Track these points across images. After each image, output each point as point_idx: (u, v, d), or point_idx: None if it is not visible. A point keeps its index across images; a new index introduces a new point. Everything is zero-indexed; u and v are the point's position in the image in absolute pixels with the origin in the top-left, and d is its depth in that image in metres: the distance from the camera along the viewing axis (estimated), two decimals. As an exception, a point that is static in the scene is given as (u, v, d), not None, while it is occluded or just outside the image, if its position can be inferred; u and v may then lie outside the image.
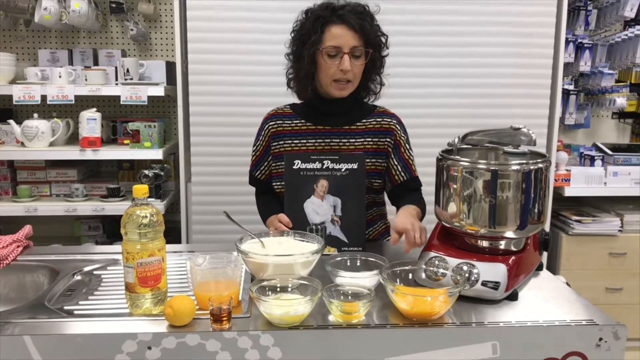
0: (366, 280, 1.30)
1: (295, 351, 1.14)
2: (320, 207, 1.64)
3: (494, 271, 1.30)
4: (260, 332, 1.13)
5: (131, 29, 2.91)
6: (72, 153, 2.63)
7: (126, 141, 2.73)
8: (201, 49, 2.58)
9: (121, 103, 2.61)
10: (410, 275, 1.35)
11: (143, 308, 1.22)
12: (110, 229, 3.00)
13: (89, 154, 2.61)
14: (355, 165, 1.63)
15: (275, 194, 1.81)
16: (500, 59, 2.65)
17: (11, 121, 2.69)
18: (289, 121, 1.79)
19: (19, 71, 2.75)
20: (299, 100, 1.82)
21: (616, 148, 3.03)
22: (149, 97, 2.60)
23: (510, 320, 1.21)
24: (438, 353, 1.15)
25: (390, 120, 1.78)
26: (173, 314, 1.14)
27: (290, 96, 1.82)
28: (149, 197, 1.25)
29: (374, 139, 1.75)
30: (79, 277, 1.47)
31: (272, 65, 1.85)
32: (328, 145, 1.74)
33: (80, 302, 1.30)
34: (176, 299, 1.17)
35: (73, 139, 2.80)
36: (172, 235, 2.68)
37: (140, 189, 1.21)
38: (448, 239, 1.45)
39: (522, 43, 2.64)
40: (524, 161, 1.34)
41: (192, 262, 1.28)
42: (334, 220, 1.65)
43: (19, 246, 1.64)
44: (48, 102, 2.59)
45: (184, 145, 2.68)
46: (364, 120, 1.77)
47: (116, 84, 2.73)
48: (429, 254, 1.39)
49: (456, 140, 1.46)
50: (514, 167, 1.32)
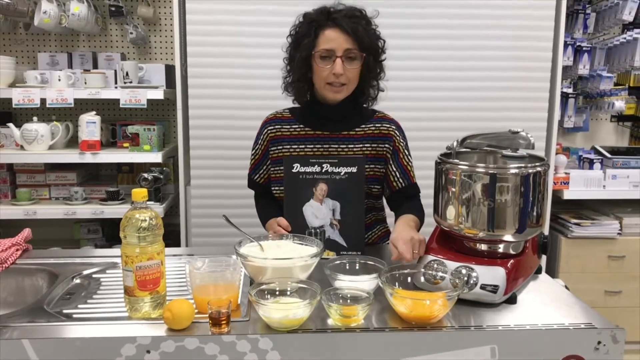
0: (365, 283, 1.30)
1: (294, 355, 1.14)
2: (320, 211, 1.65)
3: (493, 274, 1.30)
4: (259, 336, 1.13)
5: (130, 33, 2.91)
6: (72, 156, 2.63)
7: (125, 144, 2.74)
8: (200, 53, 2.58)
9: (120, 106, 2.61)
10: (409, 279, 1.35)
11: (142, 312, 1.22)
12: (109, 232, 2.99)
13: (89, 157, 2.62)
14: (354, 169, 1.63)
15: (275, 197, 1.81)
16: (499, 62, 2.65)
17: (10, 124, 2.69)
18: (288, 126, 1.79)
19: (19, 74, 2.76)
20: (298, 104, 1.82)
21: (615, 151, 3.03)
22: (149, 101, 2.60)
23: (509, 323, 1.21)
24: (437, 356, 1.15)
25: (389, 125, 1.78)
26: (172, 318, 1.15)
27: (290, 100, 1.82)
28: (148, 200, 1.25)
29: (373, 145, 1.75)
30: (78, 281, 1.47)
31: (272, 68, 1.85)
32: (327, 150, 1.74)
33: (79, 306, 1.31)
34: (175, 303, 1.17)
35: (72, 142, 2.80)
36: (172, 238, 2.68)
37: (139, 193, 1.21)
38: (447, 242, 1.46)
39: (521, 46, 2.64)
40: (523, 165, 1.34)
41: (191, 266, 1.28)
42: (333, 223, 1.65)
43: (18, 250, 1.64)
44: (47, 106, 2.60)
45: (183, 148, 2.68)
46: (363, 125, 1.77)
47: (115, 87, 2.73)
48: (428, 258, 1.40)
49: (455, 143, 1.46)
50: (513, 171, 1.32)
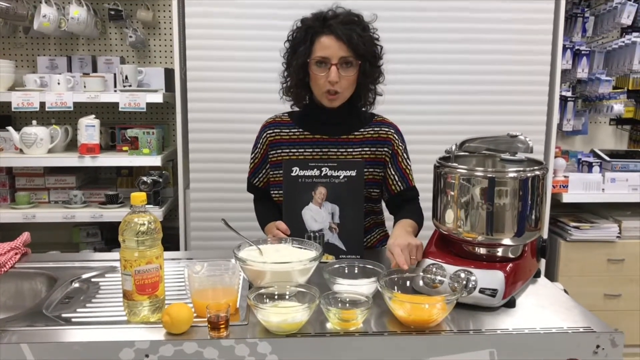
0: (364, 287, 1.30)
1: (293, 359, 1.13)
2: (319, 215, 1.65)
3: (492, 278, 1.30)
4: (257, 340, 1.13)
5: (130, 36, 2.91)
6: (71, 160, 2.63)
7: (125, 148, 2.74)
8: (200, 56, 2.58)
9: (120, 110, 2.61)
10: (408, 283, 1.35)
11: (141, 316, 1.22)
12: (108, 236, 3.00)
13: (88, 161, 2.62)
14: (353, 173, 1.63)
15: (274, 201, 1.81)
16: (498, 65, 2.66)
17: (10, 128, 2.69)
18: (287, 129, 1.79)
19: (18, 78, 2.76)
20: (297, 108, 1.82)
21: (614, 154, 3.03)
22: (148, 104, 2.60)
23: (508, 327, 1.21)
24: (436, 360, 1.15)
25: (388, 129, 1.78)
26: (171, 322, 1.14)
27: (289, 104, 1.82)
28: (147, 204, 1.25)
29: (372, 149, 1.75)
30: (76, 285, 1.47)
31: (271, 72, 1.85)
32: (325, 154, 1.75)
33: (78, 310, 1.30)
34: (174, 307, 1.17)
35: (72, 145, 2.80)
36: (171, 241, 2.68)
37: (138, 197, 1.21)
38: (445, 246, 1.46)
39: (520, 50, 2.65)
40: (521, 168, 1.35)
41: (190, 270, 1.28)
42: (332, 227, 1.65)
43: (17, 253, 1.64)
44: (47, 109, 2.60)
45: (182, 151, 2.68)
46: (362, 129, 1.77)
47: (115, 91, 2.73)
48: (427, 261, 1.40)
49: (454, 147, 1.47)
50: (511, 175, 1.32)
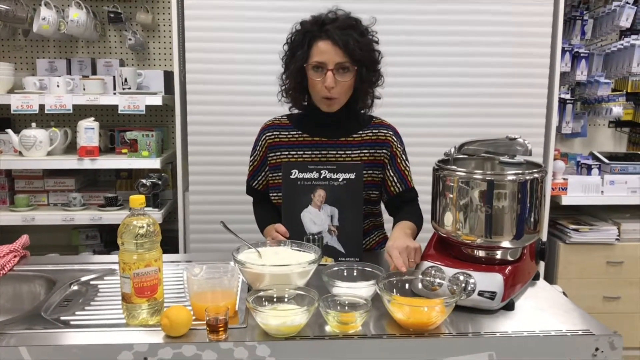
0: (363, 290, 1.30)
1: (292, 362, 1.13)
2: (318, 217, 1.65)
3: (491, 281, 1.30)
4: (256, 343, 1.13)
5: (129, 39, 2.92)
6: (70, 162, 2.63)
7: (124, 150, 2.74)
8: (199, 59, 2.59)
9: (119, 112, 2.61)
10: (407, 286, 1.35)
11: (139, 318, 1.22)
12: (107, 238, 2.99)
13: (87, 163, 2.62)
14: (352, 175, 1.64)
15: (273, 203, 1.81)
16: (497, 68, 2.66)
17: (9, 130, 2.69)
18: (286, 132, 1.79)
19: (17, 81, 2.76)
20: (296, 111, 1.82)
21: (613, 157, 3.04)
22: (147, 107, 2.61)
23: (507, 330, 1.21)
24: (435, 363, 1.15)
25: (386, 131, 1.79)
26: (169, 325, 1.14)
27: (287, 106, 1.82)
28: (147, 207, 1.25)
29: (371, 151, 1.76)
30: (75, 287, 1.47)
31: (270, 74, 1.85)
32: (324, 157, 1.75)
33: (77, 313, 1.30)
34: (173, 310, 1.17)
35: (71, 148, 2.80)
36: (170, 244, 2.68)
37: (137, 199, 1.21)
38: (444, 248, 1.46)
39: (519, 53, 2.65)
40: (520, 171, 1.35)
41: (189, 272, 1.28)
42: (331, 230, 1.65)
43: (15, 256, 1.63)
44: (46, 112, 2.60)
45: (181, 154, 2.68)
46: (361, 131, 1.77)
47: (114, 94, 2.73)
48: (426, 264, 1.40)
49: (452, 150, 1.47)
50: (510, 177, 1.32)
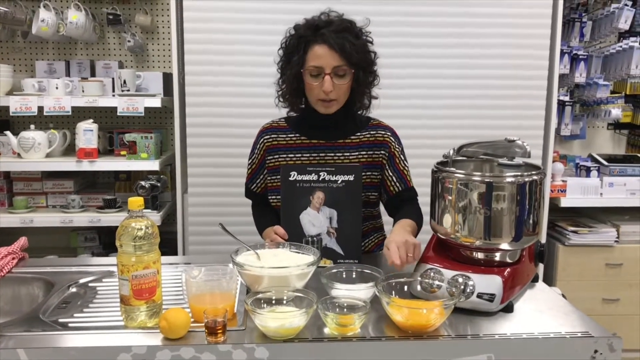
0: (361, 292, 1.30)
1: (291, 364, 1.13)
2: (316, 219, 1.65)
3: (489, 283, 1.30)
4: (255, 345, 1.13)
5: (128, 41, 2.92)
6: (69, 164, 2.63)
7: (123, 152, 2.74)
8: (198, 61, 2.59)
9: (118, 114, 2.61)
10: (406, 288, 1.35)
11: (138, 321, 1.21)
12: (106, 240, 2.99)
13: (86, 165, 2.62)
14: (351, 177, 1.63)
15: (272, 206, 1.81)
16: (496, 70, 2.66)
17: (8, 132, 2.69)
18: (284, 135, 1.79)
19: (16, 82, 2.76)
20: (294, 113, 1.82)
21: (612, 159, 3.04)
22: (146, 109, 2.61)
23: (506, 332, 1.21)
24: (433, 366, 1.15)
25: (384, 132, 1.79)
26: (168, 327, 1.14)
27: (285, 110, 1.82)
28: (145, 209, 1.25)
29: (369, 152, 1.76)
30: (74, 290, 1.47)
31: (269, 76, 1.85)
32: (323, 159, 1.75)
33: (75, 315, 1.30)
34: (171, 312, 1.16)
35: (70, 150, 2.80)
36: (168, 246, 2.67)
37: (136, 202, 1.21)
38: (443, 250, 1.45)
39: (518, 55, 2.65)
40: (519, 173, 1.35)
41: (188, 275, 1.28)
42: (329, 232, 1.65)
43: (14, 258, 1.63)
44: (45, 114, 2.60)
45: (180, 156, 2.68)
46: (358, 133, 1.77)
47: (113, 95, 2.73)
48: (424, 266, 1.39)
49: (451, 152, 1.47)
50: (509, 179, 1.32)
